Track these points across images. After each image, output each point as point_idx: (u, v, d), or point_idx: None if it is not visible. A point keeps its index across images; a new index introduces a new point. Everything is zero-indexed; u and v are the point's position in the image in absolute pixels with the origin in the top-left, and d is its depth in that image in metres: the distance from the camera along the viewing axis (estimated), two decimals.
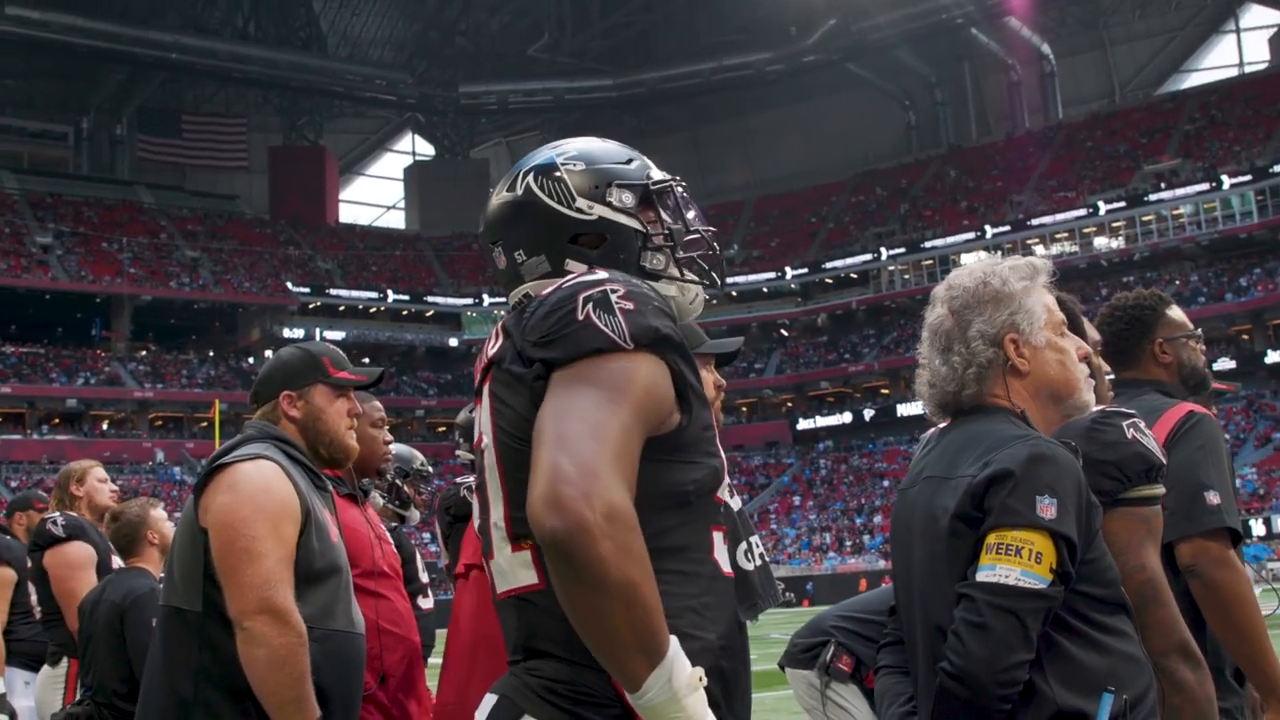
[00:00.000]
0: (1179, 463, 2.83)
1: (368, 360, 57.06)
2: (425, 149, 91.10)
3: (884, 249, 65.89)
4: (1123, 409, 2.56)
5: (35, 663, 5.39)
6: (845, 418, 63.70)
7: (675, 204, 2.12)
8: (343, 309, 68.26)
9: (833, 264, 67.67)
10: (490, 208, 2.12)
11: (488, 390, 1.92)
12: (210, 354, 65.32)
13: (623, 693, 1.68)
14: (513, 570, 1.85)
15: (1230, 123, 62.45)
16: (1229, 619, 2.76)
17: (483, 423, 1.93)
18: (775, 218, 75.07)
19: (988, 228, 62.54)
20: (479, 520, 1.97)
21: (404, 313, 70.06)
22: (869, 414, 62.90)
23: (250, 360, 64.33)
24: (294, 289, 67.14)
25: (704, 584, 1.84)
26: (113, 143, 75.51)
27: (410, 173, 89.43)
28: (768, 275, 68.91)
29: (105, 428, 59.19)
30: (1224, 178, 56.89)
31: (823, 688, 3.23)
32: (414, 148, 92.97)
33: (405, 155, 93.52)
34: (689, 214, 2.13)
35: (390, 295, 69.57)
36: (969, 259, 2.62)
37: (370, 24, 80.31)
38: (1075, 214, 60.92)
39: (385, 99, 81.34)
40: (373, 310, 69.18)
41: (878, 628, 2.81)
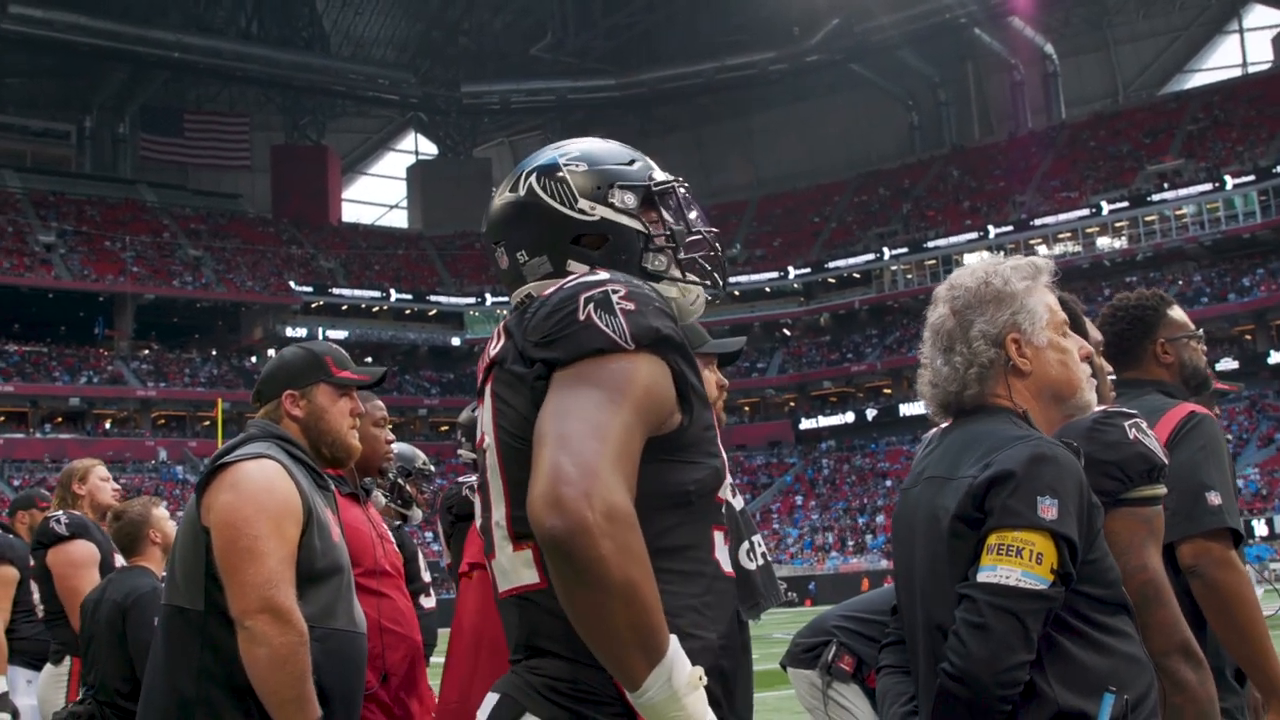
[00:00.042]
0: (1180, 463, 2.82)
1: (370, 359, 57.04)
2: (428, 148, 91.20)
3: (887, 249, 65.84)
4: (1125, 409, 2.56)
5: (38, 661, 5.39)
6: (848, 417, 63.65)
7: (677, 205, 2.12)
8: (345, 308, 68.25)
9: (835, 264, 67.63)
10: (493, 208, 2.12)
11: (490, 390, 1.92)
12: (213, 353, 65.33)
13: (623, 691, 1.68)
14: (514, 569, 1.86)
15: (1233, 123, 62.38)
16: (1230, 619, 2.76)
17: (485, 423, 1.94)
18: (778, 217, 75.04)
19: (990, 228, 62.50)
20: (481, 519, 1.97)
21: (407, 312, 70.03)
22: (871, 414, 62.84)
23: (253, 359, 64.35)
24: (297, 288, 67.15)
25: (705, 583, 1.84)
26: (115, 141, 75.52)
27: (413, 172, 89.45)
28: (770, 275, 68.88)
29: (108, 426, 59.24)
30: (1227, 178, 56.82)
31: (824, 687, 3.23)
32: (417, 147, 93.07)
33: (408, 154, 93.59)
34: (691, 215, 2.13)
35: (393, 294, 69.57)
36: (972, 259, 2.61)
37: (373, 23, 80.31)
38: (1078, 214, 60.87)
39: (388, 98, 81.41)
40: (375, 309, 69.18)
41: (880, 627, 2.82)
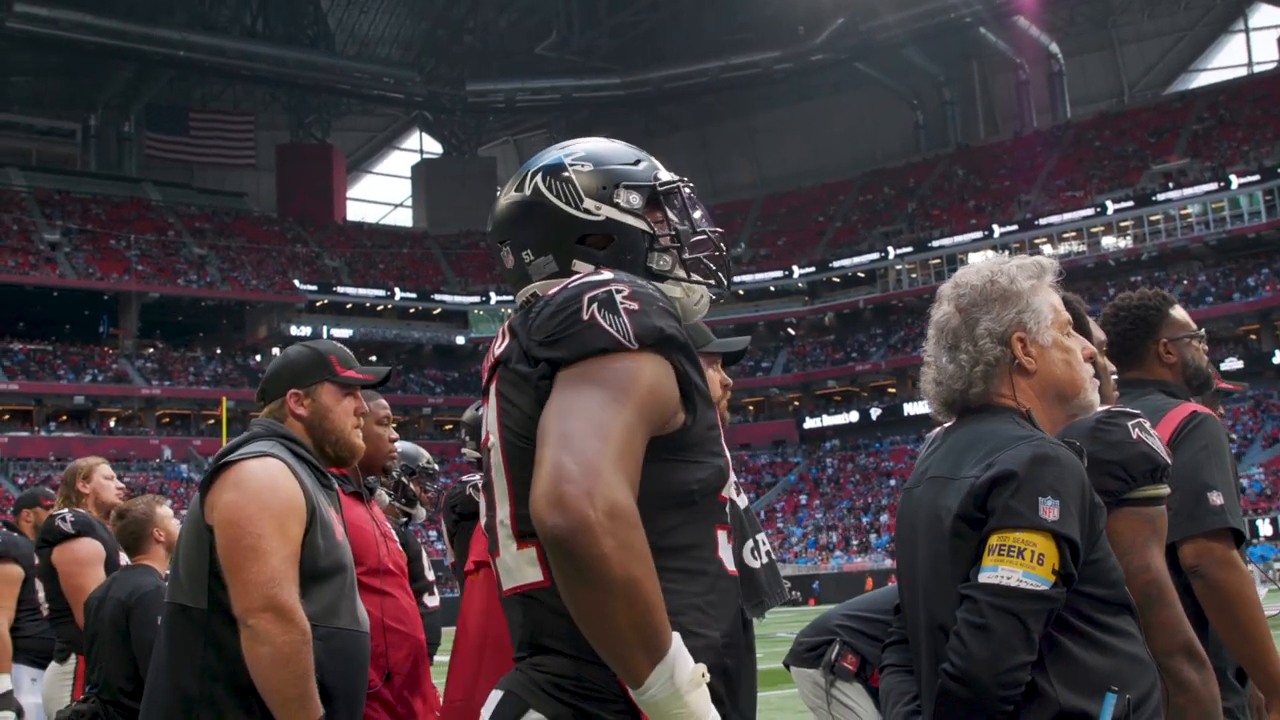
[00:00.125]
0: (1182, 463, 2.82)
1: (375, 358, 57.13)
2: (433, 147, 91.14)
3: (891, 248, 65.77)
4: (1128, 409, 2.56)
5: (42, 660, 5.40)
6: (852, 417, 63.59)
7: (682, 205, 2.12)
8: (350, 307, 68.28)
9: (840, 263, 67.57)
10: (498, 207, 2.12)
11: (494, 389, 1.93)
12: (217, 351, 65.37)
13: (627, 688, 1.69)
14: (518, 567, 1.86)
15: (1239, 122, 62.27)
16: (1232, 619, 2.76)
17: (489, 422, 1.94)
18: (782, 216, 74.97)
19: (995, 227, 62.43)
20: (485, 518, 1.98)
21: (411, 310, 70.02)
22: (876, 413, 62.78)
23: (257, 358, 64.39)
24: (301, 286, 67.15)
25: (708, 582, 1.85)
26: (120, 140, 75.53)
27: (418, 171, 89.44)
28: (775, 274, 68.84)
29: (112, 425, 59.29)
30: (1232, 177, 56.72)
31: (828, 686, 3.23)
32: (421, 146, 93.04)
33: (413, 153, 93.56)
34: (696, 214, 2.13)
35: (397, 293, 69.57)
36: (976, 258, 2.62)
37: (378, 22, 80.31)
38: (1083, 213, 60.79)
39: (393, 97, 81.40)
40: (380, 308, 69.19)
41: (883, 627, 2.82)
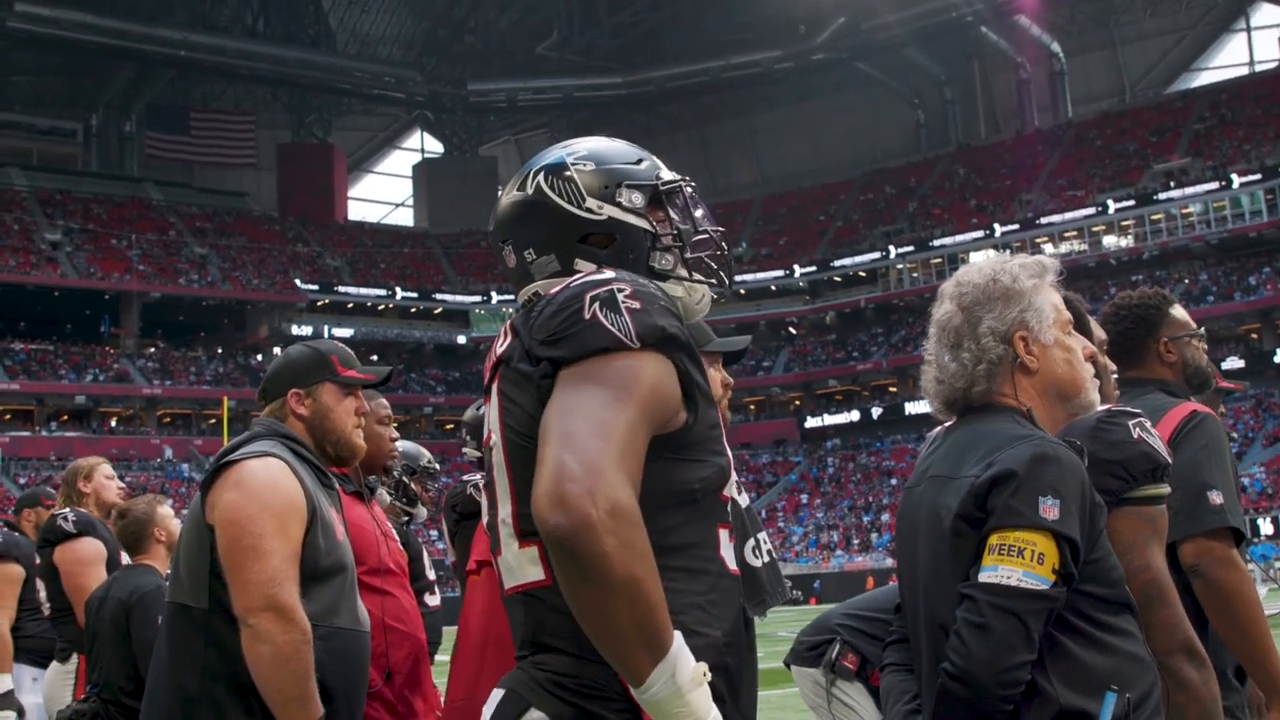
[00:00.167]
0: (1182, 462, 2.82)
1: (376, 357, 57.09)
2: (434, 146, 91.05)
3: (892, 247, 65.74)
4: (1128, 408, 2.56)
5: (43, 659, 5.40)
6: (853, 416, 63.58)
7: (684, 204, 2.13)
8: (351, 306, 68.28)
9: (841, 262, 67.56)
10: (500, 206, 2.12)
11: (496, 388, 1.93)
12: (219, 351, 65.36)
13: (628, 687, 1.69)
14: (520, 566, 1.86)
15: (1240, 122, 62.24)
16: (1232, 618, 2.76)
17: (491, 421, 1.94)
18: (783, 216, 74.96)
19: (997, 226, 62.41)
20: (487, 517, 1.98)
21: (412, 310, 70.02)
22: (877, 412, 62.77)
23: (259, 357, 64.37)
24: (302, 286, 67.14)
25: (710, 581, 1.85)
26: (121, 140, 75.51)
27: (419, 170, 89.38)
28: (776, 273, 68.83)
29: (114, 424, 59.28)
30: (1234, 177, 56.70)
31: (828, 685, 3.24)
32: (423, 145, 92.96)
33: (414, 153, 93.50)
34: (697, 214, 2.14)
35: (398, 292, 69.57)
36: (978, 258, 2.62)
37: (379, 21, 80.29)
38: (1084, 213, 60.77)
39: (394, 96, 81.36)
40: (381, 307, 69.19)
41: (883, 626, 2.82)
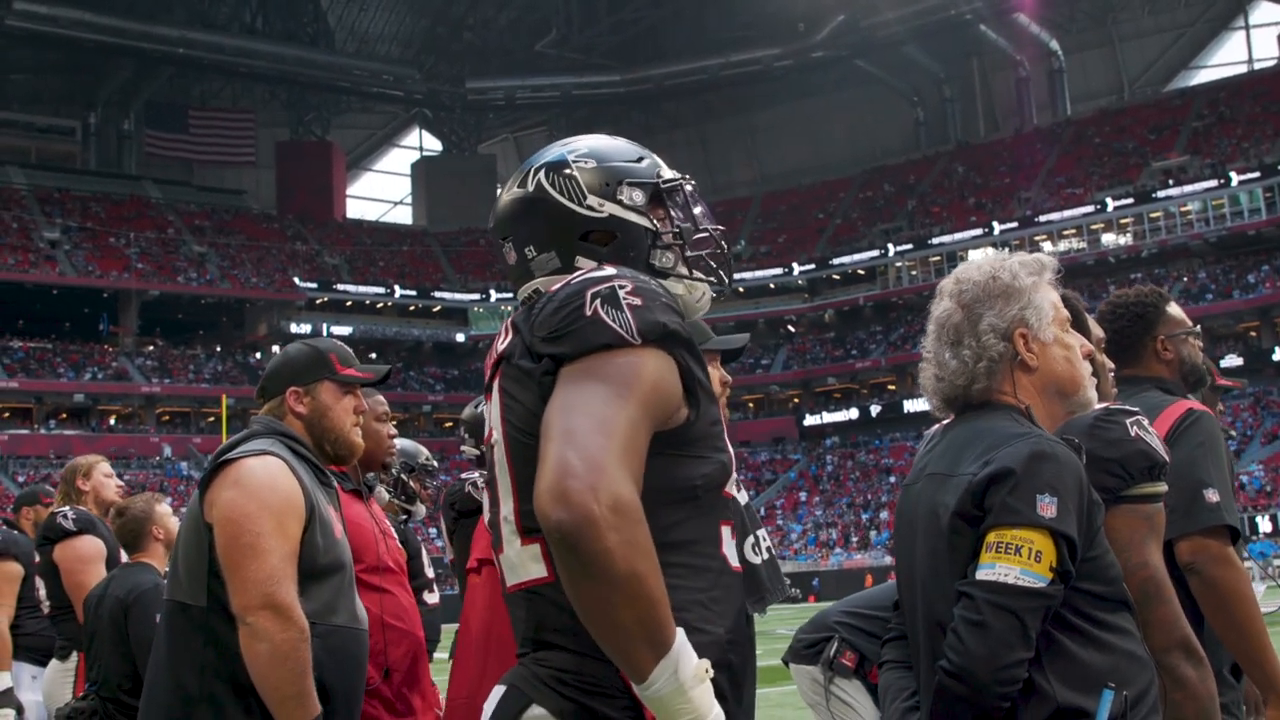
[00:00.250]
0: (1179, 460, 2.83)
1: (375, 355, 57.14)
2: (433, 144, 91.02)
3: (891, 245, 65.71)
4: (1126, 406, 2.57)
5: (43, 657, 5.40)
6: (852, 414, 63.57)
7: (685, 202, 2.13)
8: (350, 304, 68.26)
9: (840, 260, 67.57)
10: (501, 204, 2.13)
11: (497, 386, 1.93)
12: (217, 349, 65.33)
13: (630, 684, 1.69)
14: (522, 564, 1.86)
15: (1239, 120, 62.22)
16: (1228, 616, 2.77)
17: (493, 418, 1.94)
18: (782, 214, 74.94)
19: (995, 224, 62.41)
20: (489, 514, 1.98)
21: (411, 308, 69.98)
22: (875, 410, 62.76)
23: (257, 355, 64.34)
24: (301, 284, 67.10)
25: (712, 578, 1.85)
26: (120, 138, 75.43)
27: (418, 168, 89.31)
28: (775, 271, 68.81)
29: (112, 423, 59.26)
30: (1232, 175, 56.68)
31: (826, 683, 3.24)
32: (421, 143, 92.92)
33: (413, 151, 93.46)
34: (697, 212, 2.14)
35: (397, 290, 69.53)
36: (976, 255, 2.62)
37: (378, 19, 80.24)
38: (1083, 210, 60.77)
39: (393, 94, 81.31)
40: (380, 305, 69.18)
41: (882, 623, 2.82)
